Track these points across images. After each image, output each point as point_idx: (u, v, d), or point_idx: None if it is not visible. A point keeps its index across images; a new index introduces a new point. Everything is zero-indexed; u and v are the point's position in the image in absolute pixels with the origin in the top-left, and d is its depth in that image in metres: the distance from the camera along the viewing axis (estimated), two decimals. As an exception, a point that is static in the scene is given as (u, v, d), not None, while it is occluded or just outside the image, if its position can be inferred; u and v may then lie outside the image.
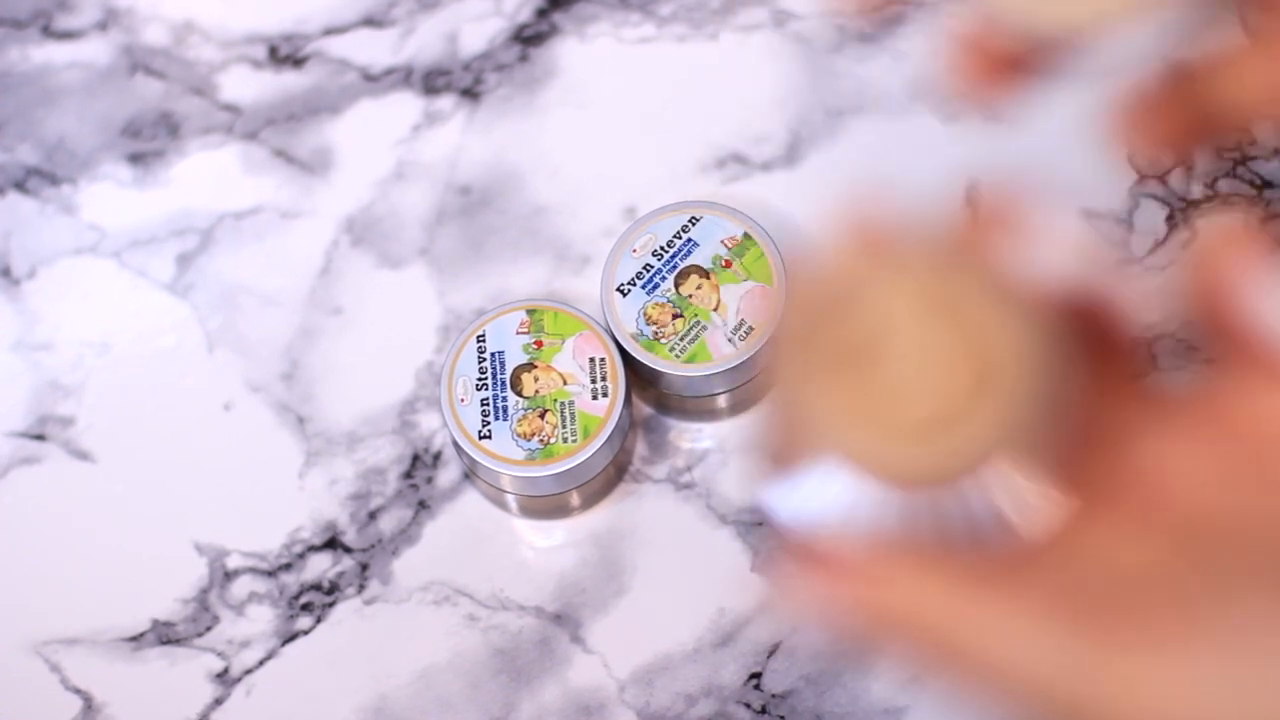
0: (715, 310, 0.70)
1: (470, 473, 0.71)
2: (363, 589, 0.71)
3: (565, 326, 0.70)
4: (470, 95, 0.77)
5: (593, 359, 0.69)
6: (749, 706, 0.69)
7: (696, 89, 0.78)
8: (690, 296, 0.70)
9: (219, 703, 0.70)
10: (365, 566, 0.71)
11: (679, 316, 0.69)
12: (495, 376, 0.69)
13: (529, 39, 0.78)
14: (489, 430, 0.68)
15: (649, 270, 0.70)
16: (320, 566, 0.71)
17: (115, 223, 0.76)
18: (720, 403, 0.71)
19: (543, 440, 0.68)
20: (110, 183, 0.77)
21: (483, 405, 0.68)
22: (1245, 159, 0.75)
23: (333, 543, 0.72)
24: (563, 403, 0.68)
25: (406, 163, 0.77)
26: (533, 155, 0.77)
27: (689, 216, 0.71)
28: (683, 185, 0.76)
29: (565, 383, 0.69)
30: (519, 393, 0.69)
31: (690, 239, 0.71)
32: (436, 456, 0.72)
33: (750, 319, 0.69)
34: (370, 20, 0.79)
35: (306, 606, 0.71)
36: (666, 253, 0.70)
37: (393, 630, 0.70)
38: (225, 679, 0.70)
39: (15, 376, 0.74)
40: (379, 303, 0.75)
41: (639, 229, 0.71)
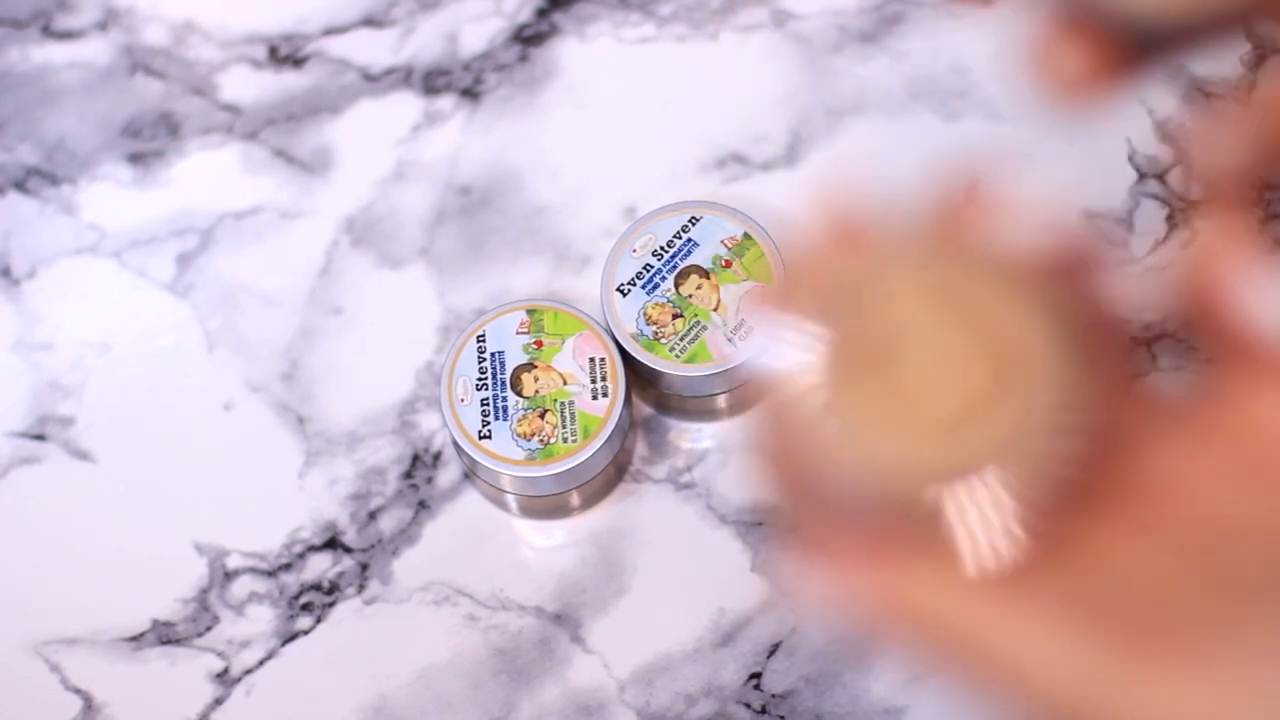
0: (715, 310, 0.70)
1: (470, 473, 0.71)
2: (363, 589, 0.71)
3: (565, 326, 0.70)
4: (470, 95, 0.77)
5: (593, 359, 0.69)
6: (749, 706, 0.69)
7: (696, 89, 0.78)
8: (690, 296, 0.70)
9: (219, 703, 0.70)
10: (365, 566, 0.71)
11: (679, 316, 0.69)
12: (495, 376, 0.69)
13: (529, 39, 0.78)
14: (489, 430, 0.68)
15: (649, 270, 0.70)
16: (320, 566, 0.71)
17: (115, 223, 0.76)
18: (720, 403, 0.71)
19: (543, 440, 0.68)
20: (110, 183, 0.77)
21: (483, 405, 0.68)
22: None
23: (333, 543, 0.72)
24: (563, 403, 0.68)
25: (406, 163, 0.76)
26: (533, 155, 0.77)
27: (689, 216, 0.71)
28: (683, 185, 0.76)
29: (565, 383, 0.69)
30: (519, 393, 0.69)
31: (690, 239, 0.71)
32: (436, 456, 0.72)
33: (750, 319, 0.69)
34: (370, 20, 0.79)
35: (306, 606, 0.71)
36: (666, 253, 0.70)
37: (393, 630, 0.70)
38: (225, 679, 0.70)
39: (15, 376, 0.74)
40: (379, 303, 0.75)
41: (639, 229, 0.71)
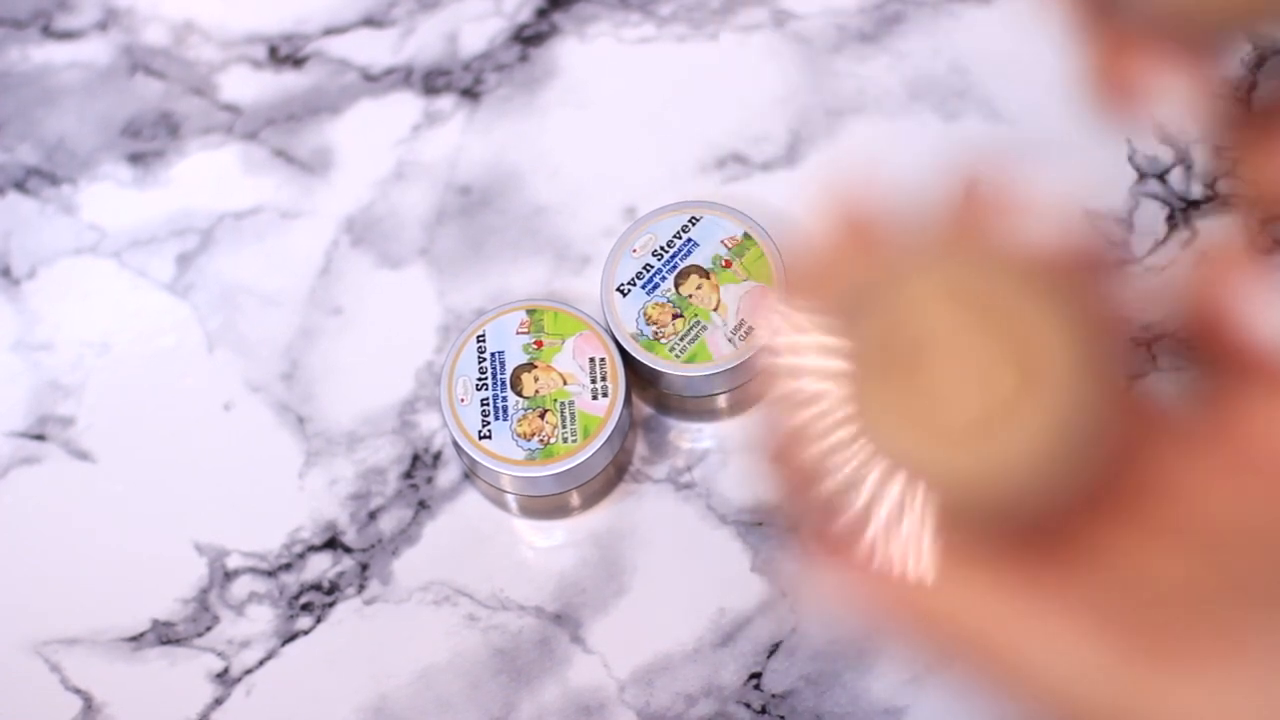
0: (715, 310, 0.70)
1: (470, 473, 0.71)
2: (363, 589, 0.71)
3: (565, 326, 0.70)
4: (470, 95, 0.77)
5: (593, 359, 0.69)
6: (749, 706, 0.69)
7: (696, 89, 0.77)
8: (690, 296, 0.70)
9: (219, 703, 0.70)
10: (365, 566, 0.71)
11: (679, 316, 0.69)
12: (495, 376, 0.69)
13: (529, 39, 0.78)
14: (489, 430, 0.68)
15: (649, 270, 0.70)
16: (320, 566, 0.71)
17: (115, 223, 0.76)
18: (720, 403, 0.71)
19: (543, 440, 0.68)
20: (110, 183, 0.77)
21: (483, 405, 0.68)
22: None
23: (333, 543, 0.72)
24: (563, 403, 0.68)
25: (406, 163, 0.76)
26: (533, 155, 0.77)
27: (689, 216, 0.71)
28: (683, 185, 0.76)
29: (565, 383, 0.69)
30: (519, 393, 0.69)
31: (690, 239, 0.71)
32: (436, 456, 0.72)
33: (750, 319, 0.69)
34: (370, 20, 0.79)
35: (306, 606, 0.71)
36: (666, 253, 0.70)
37: (393, 630, 0.70)
38: (225, 679, 0.70)
39: (15, 376, 0.74)
40: (379, 303, 0.75)
41: (639, 229, 0.71)
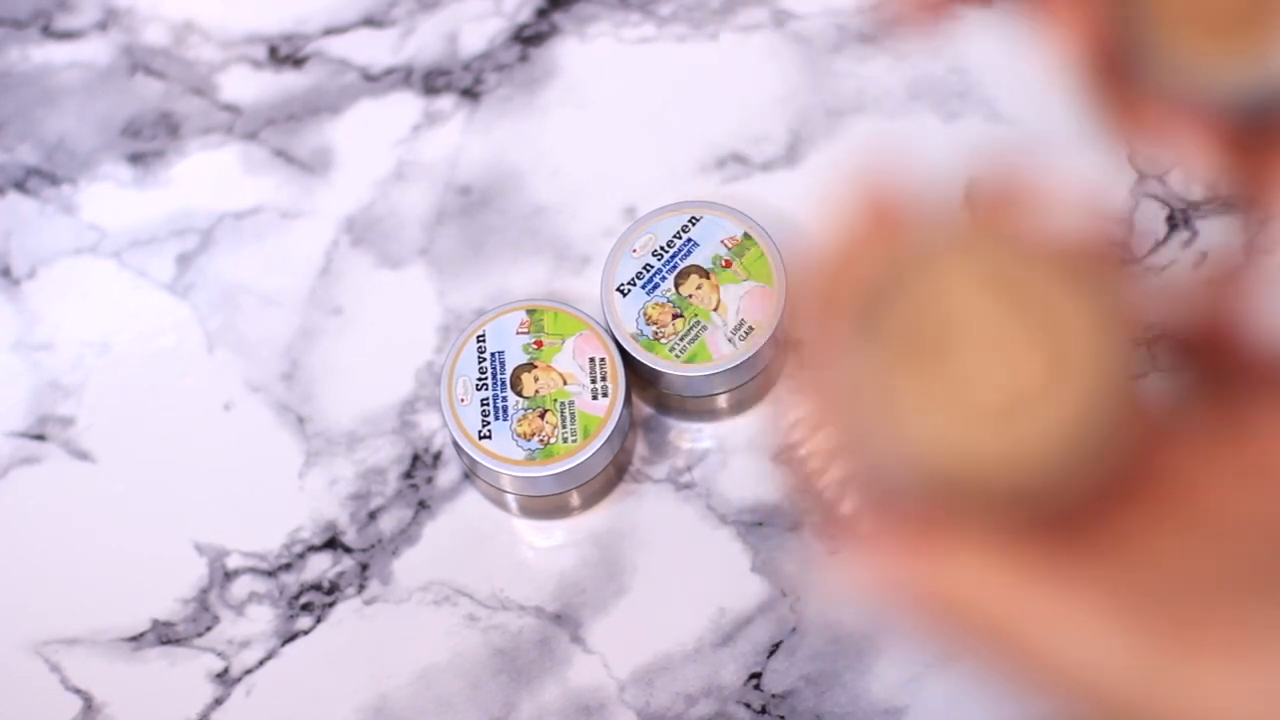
0: (715, 310, 0.69)
1: (470, 473, 0.71)
2: (363, 589, 0.71)
3: (565, 326, 0.70)
4: (470, 95, 0.77)
5: (593, 359, 0.69)
6: (749, 706, 0.69)
7: (696, 89, 0.77)
8: (690, 296, 0.70)
9: (219, 703, 0.70)
10: (365, 566, 0.71)
11: (679, 316, 0.69)
12: (495, 376, 0.69)
13: (529, 39, 0.78)
14: (489, 430, 0.68)
15: (649, 270, 0.70)
16: (320, 566, 0.71)
17: (115, 223, 0.76)
18: (720, 403, 0.71)
19: (543, 440, 0.68)
20: (110, 183, 0.77)
21: (483, 405, 0.68)
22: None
23: (333, 543, 0.72)
24: (563, 403, 0.68)
25: (406, 163, 0.76)
26: (533, 155, 0.77)
27: (689, 216, 0.71)
28: (683, 185, 0.76)
29: (565, 383, 0.69)
30: (519, 393, 0.69)
31: (690, 239, 0.71)
32: (436, 456, 0.72)
33: (750, 319, 0.69)
34: (370, 20, 0.79)
35: (306, 606, 0.71)
36: (666, 253, 0.70)
37: (393, 630, 0.70)
38: (225, 679, 0.70)
39: (15, 376, 0.74)
40: (379, 303, 0.75)
41: (639, 229, 0.71)
